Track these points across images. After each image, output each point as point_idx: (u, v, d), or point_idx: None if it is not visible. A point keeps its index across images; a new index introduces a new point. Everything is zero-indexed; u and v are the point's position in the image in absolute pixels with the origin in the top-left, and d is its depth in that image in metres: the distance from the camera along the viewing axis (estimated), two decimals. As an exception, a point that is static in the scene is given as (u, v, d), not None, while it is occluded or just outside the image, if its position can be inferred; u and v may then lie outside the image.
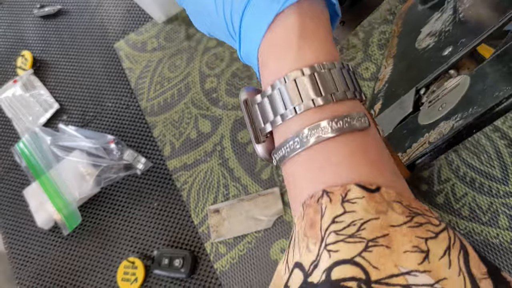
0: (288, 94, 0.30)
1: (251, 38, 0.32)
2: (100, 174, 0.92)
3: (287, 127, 0.31)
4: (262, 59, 0.32)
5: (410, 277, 0.25)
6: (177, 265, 0.80)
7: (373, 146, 0.31)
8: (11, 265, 0.93)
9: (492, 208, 0.69)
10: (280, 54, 0.31)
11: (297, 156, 0.31)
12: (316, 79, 0.30)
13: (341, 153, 0.30)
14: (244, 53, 0.34)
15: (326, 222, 0.28)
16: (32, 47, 1.18)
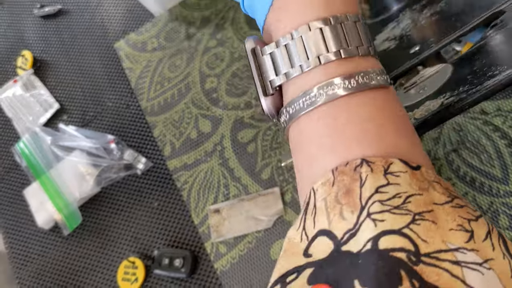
0: (308, 45, 0.28)
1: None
2: (100, 174, 0.92)
3: (304, 80, 0.29)
4: (279, 4, 0.29)
5: (459, 254, 0.24)
6: (177, 265, 0.80)
7: (398, 108, 0.30)
8: (11, 265, 0.93)
9: (492, 208, 0.69)
10: (292, 10, 0.29)
11: (314, 112, 0.29)
12: (339, 31, 0.28)
13: (367, 114, 0.28)
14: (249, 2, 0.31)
15: (367, 191, 0.26)
16: (32, 47, 1.18)
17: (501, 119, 0.73)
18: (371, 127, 0.28)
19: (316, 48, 0.28)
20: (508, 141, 0.72)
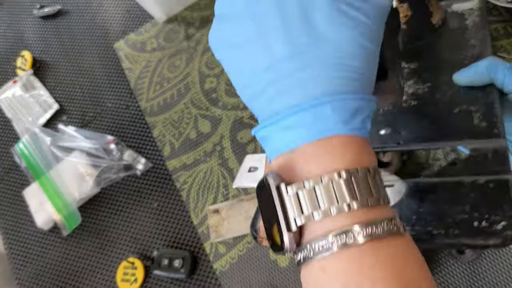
0: (323, 195, 0.30)
1: (295, 132, 0.31)
2: (100, 175, 0.92)
3: (326, 223, 0.30)
4: (300, 156, 0.31)
5: None
6: (176, 265, 0.79)
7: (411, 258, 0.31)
8: (10, 266, 0.93)
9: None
10: (323, 160, 0.31)
11: (325, 260, 0.30)
12: (352, 183, 0.30)
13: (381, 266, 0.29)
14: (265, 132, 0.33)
15: None
16: (32, 47, 1.18)
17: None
18: (395, 268, 0.30)
19: (342, 195, 0.30)
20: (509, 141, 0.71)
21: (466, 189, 0.52)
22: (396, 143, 0.57)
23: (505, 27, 0.78)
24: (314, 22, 0.29)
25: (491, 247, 0.47)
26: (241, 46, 0.32)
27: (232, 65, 0.33)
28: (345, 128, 0.30)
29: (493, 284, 0.65)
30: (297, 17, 0.29)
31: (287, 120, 0.31)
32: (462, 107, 0.56)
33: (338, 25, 0.29)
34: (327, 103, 0.30)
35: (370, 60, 0.31)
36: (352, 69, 0.30)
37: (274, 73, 0.30)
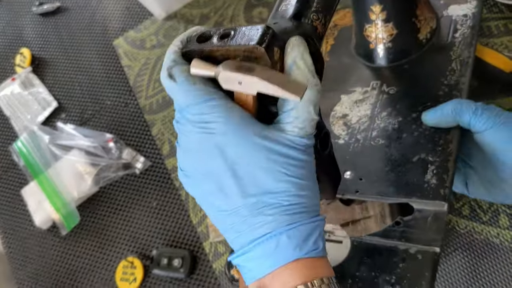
0: None
1: (260, 262, 0.37)
2: (98, 173, 0.91)
3: None
4: (268, 280, 0.37)
5: None
6: (176, 265, 0.79)
7: None
8: (9, 265, 0.93)
9: (492, 208, 0.68)
10: (285, 279, 0.37)
11: None
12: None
13: None
14: (239, 261, 0.39)
15: None
16: (30, 44, 1.17)
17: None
18: None
19: None
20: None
21: (397, 257, 0.56)
22: (355, 191, 0.61)
23: (506, 24, 0.78)
24: (258, 179, 0.36)
25: None
26: (207, 194, 0.39)
27: (203, 205, 0.40)
28: (300, 253, 0.37)
29: (492, 285, 0.65)
30: (244, 177, 0.37)
31: (252, 252, 0.37)
32: (421, 155, 0.60)
33: (276, 180, 0.36)
34: (276, 236, 0.36)
35: (309, 194, 0.38)
36: (295, 206, 0.37)
37: (236, 217, 0.37)
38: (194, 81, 0.37)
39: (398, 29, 0.69)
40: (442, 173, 0.57)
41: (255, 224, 0.37)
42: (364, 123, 0.68)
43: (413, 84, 0.69)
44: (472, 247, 0.67)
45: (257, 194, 0.37)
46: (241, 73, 0.35)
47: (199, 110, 0.37)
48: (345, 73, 0.76)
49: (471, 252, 0.67)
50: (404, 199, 0.58)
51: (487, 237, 0.67)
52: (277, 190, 0.36)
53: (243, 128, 0.36)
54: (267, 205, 0.37)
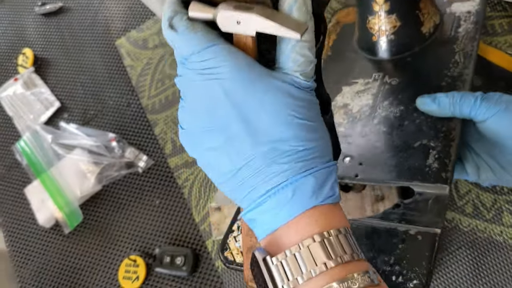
0: (304, 259, 0.34)
1: (275, 213, 0.36)
2: (101, 172, 0.92)
3: (309, 285, 0.34)
4: (283, 230, 0.36)
5: None
6: (178, 263, 0.79)
7: None
8: (12, 264, 0.93)
9: (496, 205, 0.68)
10: (300, 229, 0.36)
11: None
12: (326, 244, 0.35)
13: None
14: (252, 216, 0.37)
15: None
16: (33, 45, 1.18)
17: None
18: None
19: (318, 257, 0.34)
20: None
21: (397, 238, 0.55)
22: (354, 175, 0.61)
23: (510, 22, 0.78)
24: (269, 125, 0.35)
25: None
26: (213, 151, 0.37)
27: (207, 166, 0.38)
28: (317, 200, 0.36)
29: (495, 283, 0.64)
30: (255, 125, 0.35)
31: (266, 203, 0.36)
32: (423, 141, 0.60)
33: (287, 124, 0.35)
34: (292, 184, 0.35)
35: (320, 137, 0.37)
36: (309, 152, 0.36)
37: (246, 171, 0.36)
38: (196, 29, 0.36)
39: (401, 21, 0.69)
40: (444, 157, 0.57)
41: (270, 175, 0.35)
42: (365, 112, 0.68)
43: (416, 76, 0.68)
44: (475, 245, 0.67)
45: (268, 141, 0.35)
46: (239, 11, 0.34)
47: (203, 57, 0.36)
48: (347, 66, 0.76)
49: (474, 250, 0.67)
50: (405, 182, 0.58)
51: (491, 235, 0.67)
52: (288, 136, 0.35)
53: (249, 71, 0.35)
54: (281, 153, 0.35)
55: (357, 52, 0.76)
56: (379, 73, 0.71)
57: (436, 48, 0.70)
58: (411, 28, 0.70)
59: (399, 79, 0.69)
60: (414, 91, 0.66)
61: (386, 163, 0.61)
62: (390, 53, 0.72)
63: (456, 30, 0.70)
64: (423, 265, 0.51)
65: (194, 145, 0.39)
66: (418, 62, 0.70)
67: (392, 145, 0.62)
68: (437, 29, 0.71)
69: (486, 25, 0.79)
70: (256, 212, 0.37)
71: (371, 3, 0.68)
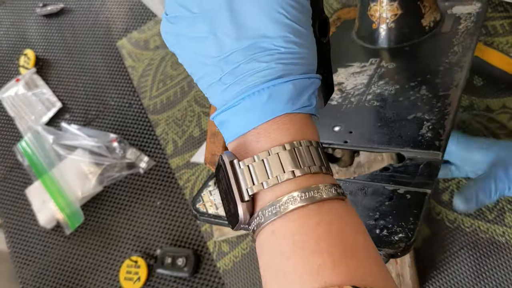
0: (271, 166, 0.34)
1: (248, 115, 0.35)
2: (102, 173, 0.92)
3: (275, 190, 0.34)
4: (253, 135, 0.35)
5: None
6: (180, 264, 0.79)
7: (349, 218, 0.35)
8: (13, 264, 0.93)
9: (498, 206, 0.68)
10: (271, 136, 0.35)
11: (275, 223, 0.33)
12: (295, 153, 0.34)
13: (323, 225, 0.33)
14: (223, 117, 0.36)
15: None
16: (34, 45, 1.18)
17: (507, 116, 0.72)
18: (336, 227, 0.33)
19: (286, 165, 0.34)
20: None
21: (383, 196, 0.54)
22: (343, 141, 0.60)
23: (511, 23, 0.78)
24: (256, 19, 0.34)
25: (383, 256, 0.49)
26: (195, 41, 0.35)
27: (188, 57, 0.37)
28: (293, 107, 0.35)
29: (499, 283, 0.64)
30: (242, 17, 0.34)
31: (240, 105, 0.35)
32: (417, 114, 0.59)
33: (275, 21, 0.34)
34: (269, 88, 0.34)
35: (307, 45, 0.36)
36: (292, 56, 0.34)
37: (226, 65, 0.35)
38: None
39: (402, 10, 0.68)
40: (439, 128, 0.56)
41: (247, 72, 0.34)
42: (359, 89, 0.67)
43: (414, 61, 0.68)
44: (477, 246, 0.67)
45: (253, 36, 0.34)
46: None
47: None
48: (344, 52, 0.75)
49: (477, 251, 0.67)
50: (395, 149, 0.57)
51: (493, 236, 0.67)
52: (274, 34, 0.34)
53: None
54: (263, 50, 0.34)
55: (356, 42, 0.76)
56: (376, 58, 0.71)
57: (435, 41, 0.69)
58: (412, 18, 0.69)
59: (396, 64, 0.68)
60: (411, 73, 0.65)
61: (377, 131, 0.59)
62: (389, 42, 0.71)
63: (456, 27, 0.70)
64: (410, 220, 0.50)
65: (176, 35, 0.37)
66: (417, 52, 0.69)
67: (385, 117, 0.61)
68: (437, 25, 0.71)
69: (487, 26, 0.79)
70: (229, 113, 0.36)
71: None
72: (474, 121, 0.74)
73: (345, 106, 0.65)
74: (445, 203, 0.70)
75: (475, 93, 0.76)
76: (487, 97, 0.75)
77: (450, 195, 0.70)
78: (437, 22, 0.71)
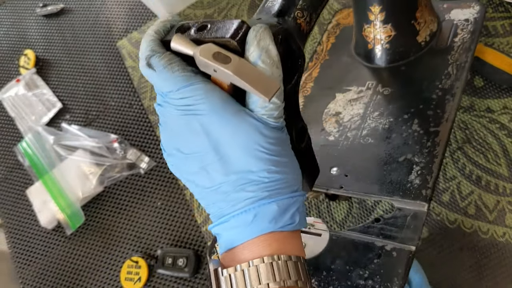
0: (250, 276, 0.37)
1: (236, 232, 0.39)
2: (103, 173, 0.92)
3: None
4: (239, 248, 0.39)
5: None
6: (180, 264, 0.79)
7: None
8: (14, 265, 0.93)
9: (498, 207, 0.68)
10: (254, 249, 0.39)
11: None
12: (273, 267, 0.37)
13: None
14: (217, 230, 0.41)
15: None
16: (35, 46, 1.18)
17: (508, 117, 0.72)
18: None
19: (264, 277, 0.37)
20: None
21: (373, 253, 0.58)
22: (340, 186, 0.64)
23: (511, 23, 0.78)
24: (239, 157, 0.38)
25: None
26: (190, 173, 0.40)
27: (186, 183, 0.42)
28: (275, 226, 0.39)
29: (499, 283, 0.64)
30: (227, 156, 0.38)
31: (229, 223, 0.39)
32: (407, 156, 0.62)
33: (256, 158, 0.38)
34: (254, 209, 0.38)
35: (289, 169, 0.40)
36: (275, 183, 0.39)
37: (217, 194, 0.39)
38: (173, 69, 0.38)
39: (396, 31, 0.69)
40: (426, 174, 0.59)
41: (236, 199, 0.39)
42: (355, 121, 0.69)
43: (408, 86, 0.70)
44: (477, 246, 0.67)
45: (238, 171, 0.38)
46: (217, 63, 0.36)
47: (181, 95, 0.38)
48: (343, 72, 0.76)
49: (477, 252, 0.67)
50: (386, 197, 0.60)
51: (493, 236, 0.67)
52: (258, 168, 0.38)
53: (224, 109, 0.38)
54: (249, 181, 0.38)
55: (354, 57, 0.77)
56: (373, 81, 0.72)
57: (430, 58, 0.70)
58: (407, 37, 0.70)
59: (392, 89, 0.70)
60: (404, 102, 0.68)
61: (370, 175, 0.63)
62: (385, 61, 0.73)
63: (453, 39, 0.70)
64: (395, 281, 0.54)
65: (175, 166, 0.42)
66: (412, 72, 0.71)
67: (378, 157, 0.64)
68: (434, 37, 0.71)
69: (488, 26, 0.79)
70: (220, 228, 0.40)
71: (367, 12, 0.69)
72: (475, 121, 0.74)
73: (342, 143, 0.68)
74: (445, 203, 0.70)
75: (476, 93, 0.76)
76: (488, 98, 0.75)
77: (451, 195, 0.70)
78: (433, 34, 0.71)
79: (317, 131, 0.72)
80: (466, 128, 0.74)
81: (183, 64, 0.39)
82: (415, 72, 0.70)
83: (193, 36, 0.38)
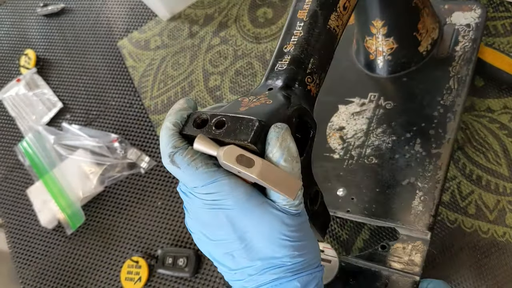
0: None
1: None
2: (103, 173, 0.92)
3: None
4: None
5: None
6: (181, 264, 0.79)
7: None
8: (14, 265, 0.93)
9: (499, 206, 0.68)
10: None
11: None
12: None
13: None
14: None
15: None
16: (35, 45, 1.18)
17: (508, 117, 0.72)
18: None
19: None
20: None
21: (380, 282, 0.59)
22: (346, 210, 0.65)
23: (512, 23, 0.78)
24: (263, 246, 0.40)
25: None
26: (216, 257, 0.42)
27: (213, 261, 0.43)
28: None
29: (499, 283, 0.64)
30: (252, 245, 0.40)
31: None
32: (410, 180, 0.63)
33: (279, 246, 0.40)
34: (276, 286, 0.40)
35: (309, 249, 0.42)
36: (297, 265, 0.41)
37: (242, 275, 0.41)
38: (197, 165, 0.39)
39: (398, 44, 0.69)
40: (429, 200, 0.60)
41: (260, 281, 0.41)
42: (359, 138, 0.70)
43: (410, 100, 0.70)
44: (478, 246, 0.67)
45: (264, 258, 0.40)
46: (240, 167, 0.38)
47: (206, 190, 0.39)
48: (344, 78, 0.76)
49: (477, 252, 0.67)
50: (391, 223, 0.61)
51: (494, 236, 0.67)
52: (281, 255, 0.40)
53: (249, 202, 0.40)
54: (272, 266, 0.41)
55: (355, 64, 0.77)
56: (375, 93, 0.73)
57: (432, 69, 0.71)
58: (408, 49, 0.71)
59: (394, 102, 0.71)
60: (407, 118, 0.68)
61: (375, 199, 0.64)
62: (387, 72, 0.73)
63: (454, 48, 0.71)
64: None
65: (201, 246, 0.43)
66: (414, 83, 0.71)
67: (382, 179, 0.65)
68: (435, 45, 0.72)
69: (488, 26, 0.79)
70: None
71: (369, 26, 0.69)
72: (475, 121, 0.74)
73: (347, 162, 0.69)
74: (446, 203, 0.70)
75: (476, 93, 0.75)
76: (488, 98, 0.75)
77: (451, 195, 0.70)
78: (435, 42, 0.71)
79: (322, 146, 0.72)
80: (466, 128, 0.74)
81: (206, 159, 0.40)
82: (417, 84, 0.70)
83: (213, 133, 0.39)
